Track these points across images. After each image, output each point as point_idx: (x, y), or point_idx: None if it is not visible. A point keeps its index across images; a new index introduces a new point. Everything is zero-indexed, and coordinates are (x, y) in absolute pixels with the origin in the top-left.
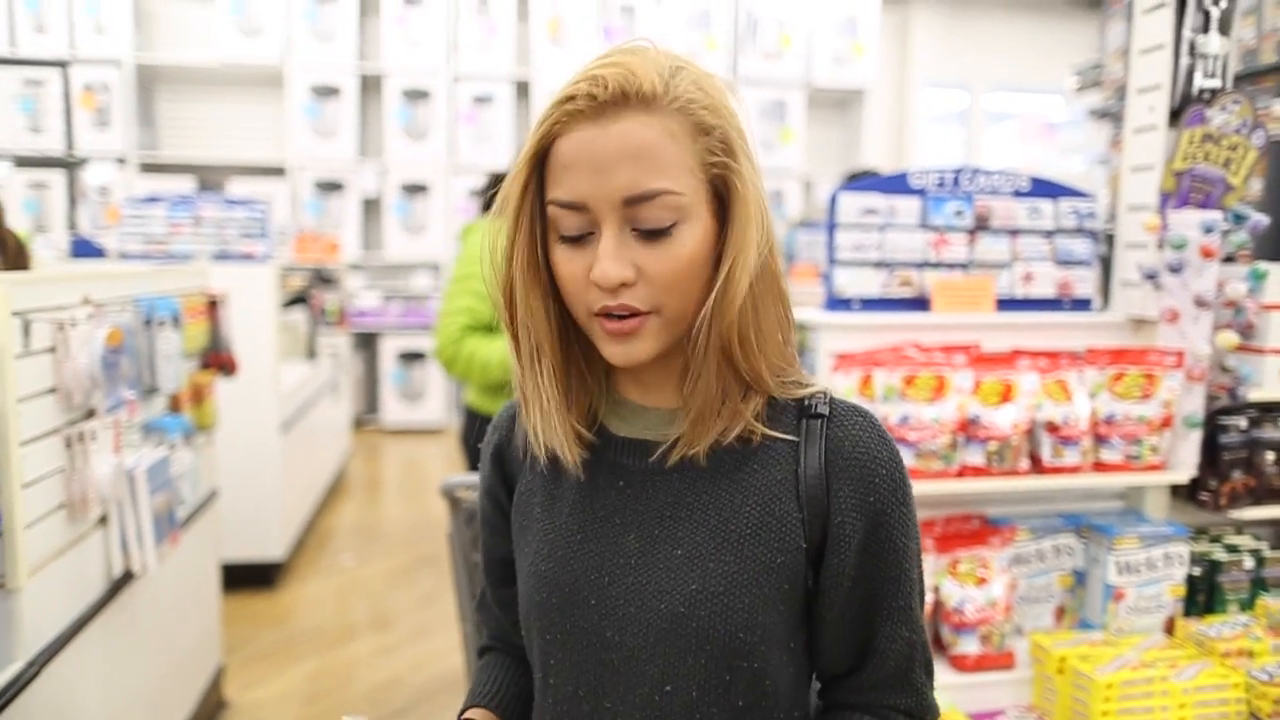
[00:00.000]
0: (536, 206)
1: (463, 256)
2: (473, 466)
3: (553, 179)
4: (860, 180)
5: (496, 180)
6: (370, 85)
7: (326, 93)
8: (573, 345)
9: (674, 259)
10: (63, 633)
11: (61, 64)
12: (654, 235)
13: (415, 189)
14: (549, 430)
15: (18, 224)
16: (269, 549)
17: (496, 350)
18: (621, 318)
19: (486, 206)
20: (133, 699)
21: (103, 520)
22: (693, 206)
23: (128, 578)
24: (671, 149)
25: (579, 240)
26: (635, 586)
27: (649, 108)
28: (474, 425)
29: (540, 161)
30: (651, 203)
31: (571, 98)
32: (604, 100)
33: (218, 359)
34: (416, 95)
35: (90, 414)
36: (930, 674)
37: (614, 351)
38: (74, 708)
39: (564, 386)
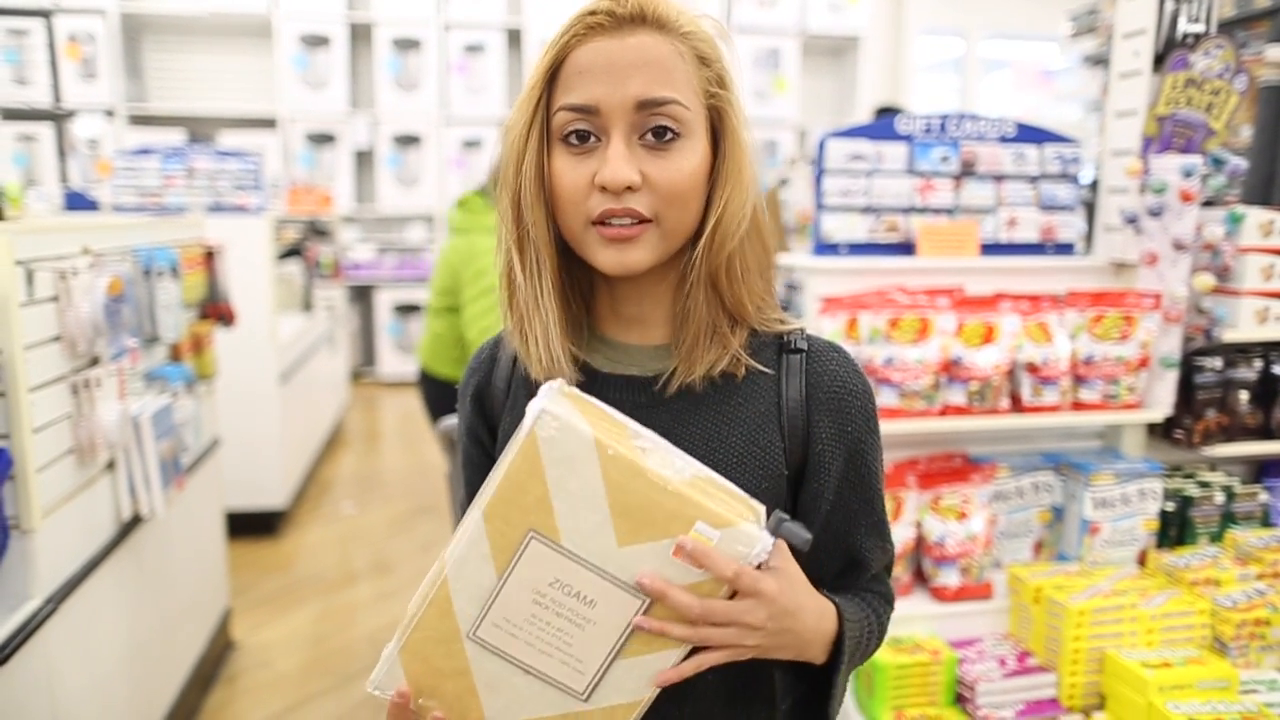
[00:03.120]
0: (544, 120)
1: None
2: (435, 419)
3: (564, 86)
4: (886, 117)
5: None
6: (360, 34)
7: (316, 42)
8: (566, 269)
9: (678, 170)
10: (77, 572)
11: (44, 14)
12: (660, 145)
13: (407, 140)
14: (550, 348)
15: (8, 178)
16: (270, 497)
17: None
18: (622, 226)
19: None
20: (148, 636)
21: (110, 465)
22: (694, 125)
23: (136, 521)
24: (680, 67)
25: (583, 149)
26: None
27: (662, 29)
28: (427, 386)
29: (552, 77)
30: (662, 109)
31: (592, 12)
32: (622, 16)
33: (216, 309)
34: (407, 44)
35: (94, 361)
36: (890, 572)
37: (609, 257)
38: (90, 644)
39: (562, 304)
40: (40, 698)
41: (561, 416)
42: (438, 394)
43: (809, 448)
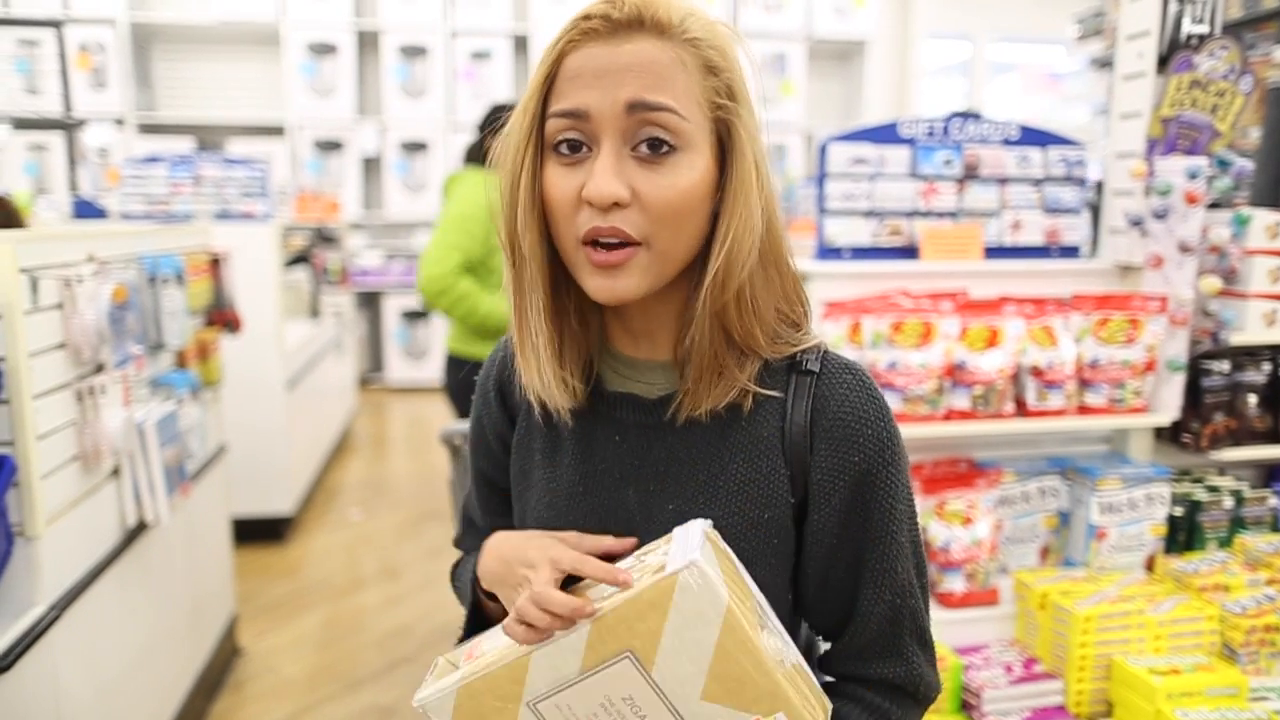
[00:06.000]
0: (540, 130)
1: (456, 199)
2: (460, 413)
3: (557, 94)
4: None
5: (491, 119)
6: (367, 42)
7: (323, 50)
8: (565, 291)
9: (670, 186)
10: (81, 579)
11: (55, 24)
12: (653, 158)
13: (415, 147)
14: (540, 372)
15: (19, 187)
16: (278, 504)
17: (486, 302)
18: (609, 248)
19: (471, 157)
20: (152, 643)
21: (115, 472)
22: (694, 139)
23: (141, 528)
24: (680, 76)
25: (574, 159)
26: (638, 542)
27: (662, 34)
28: (457, 372)
29: (549, 86)
30: (655, 115)
31: (587, 17)
32: (618, 20)
33: (222, 316)
34: (414, 52)
35: (99, 369)
36: (924, 645)
37: (598, 285)
38: (95, 651)
39: (554, 327)
40: (45, 705)
41: (708, 576)
42: (464, 379)
43: (810, 476)
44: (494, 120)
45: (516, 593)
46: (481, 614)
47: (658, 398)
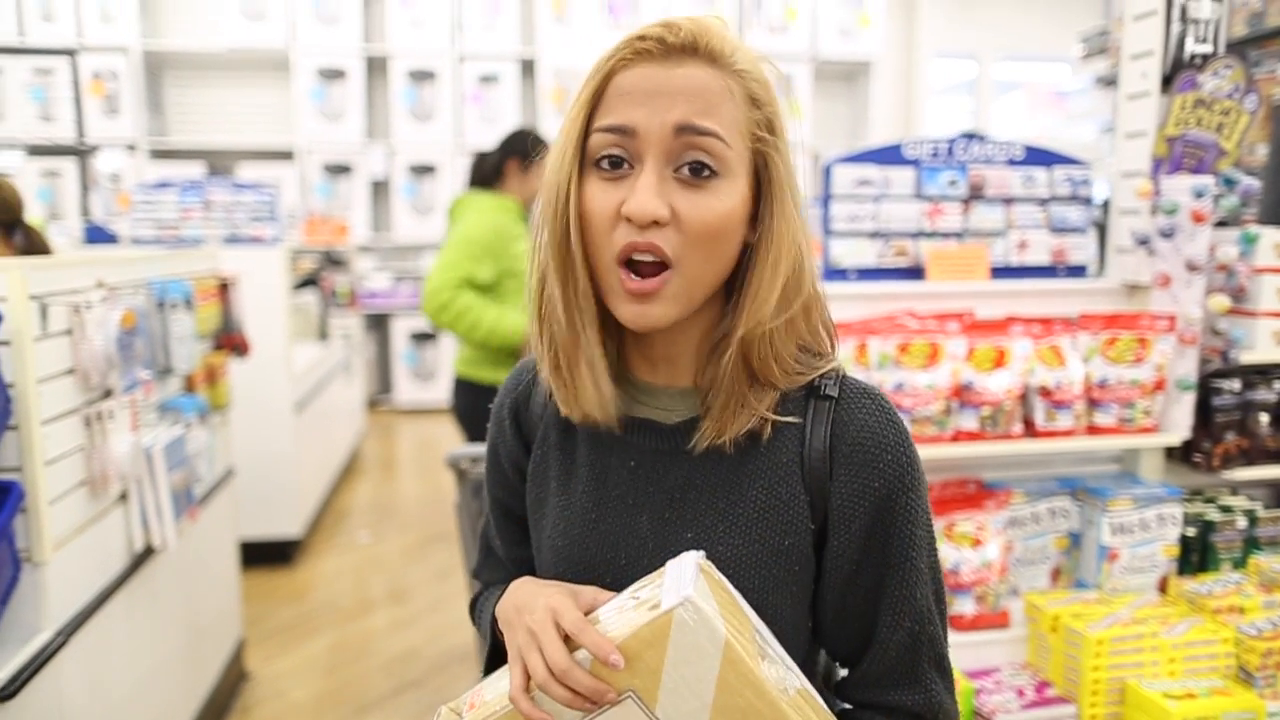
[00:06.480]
0: (582, 147)
1: (462, 223)
2: (470, 436)
3: (604, 109)
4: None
5: (488, 155)
6: (376, 67)
7: (332, 75)
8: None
9: (709, 209)
10: (88, 605)
11: (70, 52)
12: (694, 181)
13: (423, 170)
14: (596, 389)
15: (33, 213)
16: (286, 527)
17: (490, 314)
18: (644, 275)
19: (476, 180)
20: (158, 668)
21: (123, 497)
22: (734, 167)
23: (148, 553)
24: (728, 105)
25: (614, 175)
26: (650, 569)
27: (714, 63)
28: (466, 395)
29: (595, 102)
30: (701, 139)
31: (642, 37)
32: (673, 44)
33: (230, 340)
34: (422, 76)
35: (108, 394)
36: (943, 672)
37: (632, 311)
38: (102, 676)
39: (604, 345)
40: None
41: (703, 610)
42: (472, 403)
43: (830, 502)
44: (522, 142)
45: (518, 640)
46: (501, 653)
47: (675, 424)
